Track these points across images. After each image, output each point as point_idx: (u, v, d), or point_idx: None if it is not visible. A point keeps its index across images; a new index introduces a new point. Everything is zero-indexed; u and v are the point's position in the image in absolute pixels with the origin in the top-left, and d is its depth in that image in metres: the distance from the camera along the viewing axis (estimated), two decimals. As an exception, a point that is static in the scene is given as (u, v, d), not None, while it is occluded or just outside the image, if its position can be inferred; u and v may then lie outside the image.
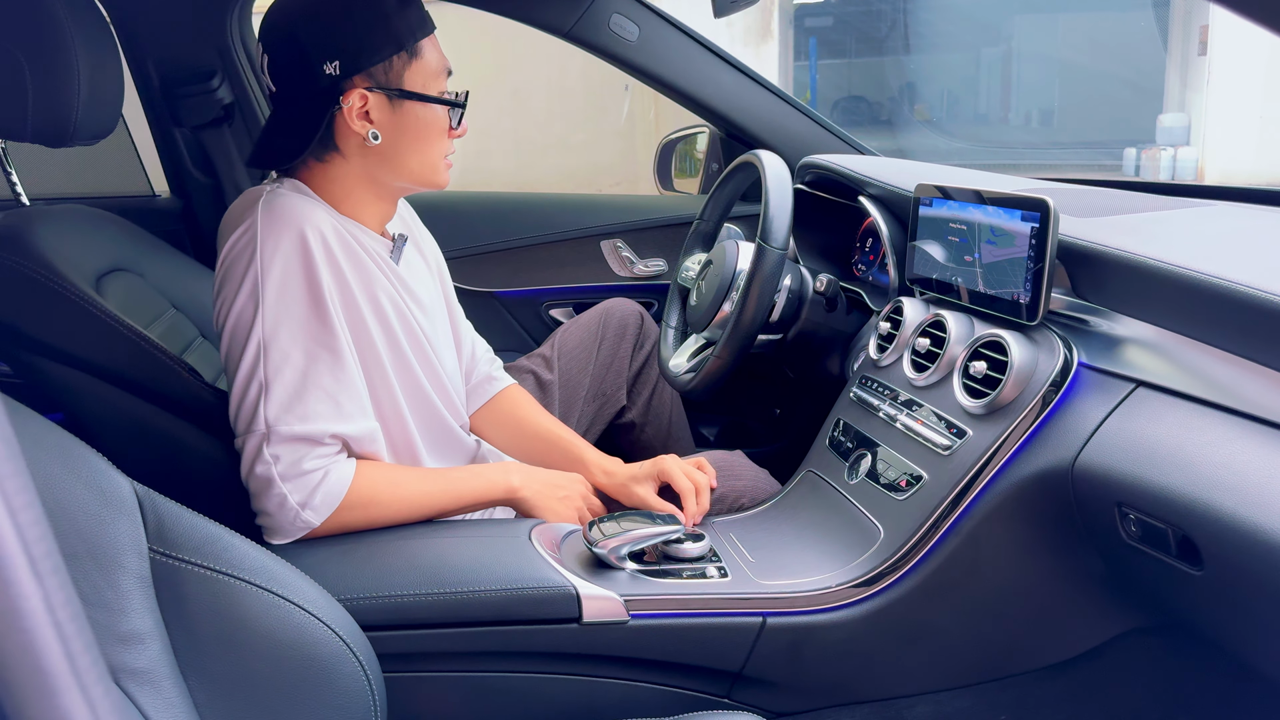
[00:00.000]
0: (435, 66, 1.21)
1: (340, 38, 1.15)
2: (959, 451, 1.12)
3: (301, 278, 1.13)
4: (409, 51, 1.17)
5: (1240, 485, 0.85)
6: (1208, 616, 0.98)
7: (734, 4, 1.10)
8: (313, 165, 1.22)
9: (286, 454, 1.11)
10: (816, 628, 1.11)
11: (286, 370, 1.11)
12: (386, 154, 1.21)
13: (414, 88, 1.19)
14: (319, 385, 1.13)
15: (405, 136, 1.20)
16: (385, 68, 1.17)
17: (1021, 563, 1.11)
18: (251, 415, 1.11)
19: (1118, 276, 1.09)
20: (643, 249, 2.15)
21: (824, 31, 12.48)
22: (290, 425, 1.11)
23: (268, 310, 1.11)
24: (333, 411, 1.13)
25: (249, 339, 1.12)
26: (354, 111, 1.17)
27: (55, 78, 1.22)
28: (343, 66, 1.15)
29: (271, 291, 1.12)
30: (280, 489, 1.10)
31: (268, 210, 1.14)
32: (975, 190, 1.23)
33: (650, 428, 1.76)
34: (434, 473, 1.25)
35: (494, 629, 1.07)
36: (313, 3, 1.16)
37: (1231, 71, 8.76)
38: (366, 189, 1.24)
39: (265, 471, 1.10)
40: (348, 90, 1.16)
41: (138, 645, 0.72)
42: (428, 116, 1.20)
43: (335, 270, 1.16)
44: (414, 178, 1.24)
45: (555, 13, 1.92)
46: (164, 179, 2.06)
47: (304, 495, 1.11)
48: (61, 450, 0.74)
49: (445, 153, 1.25)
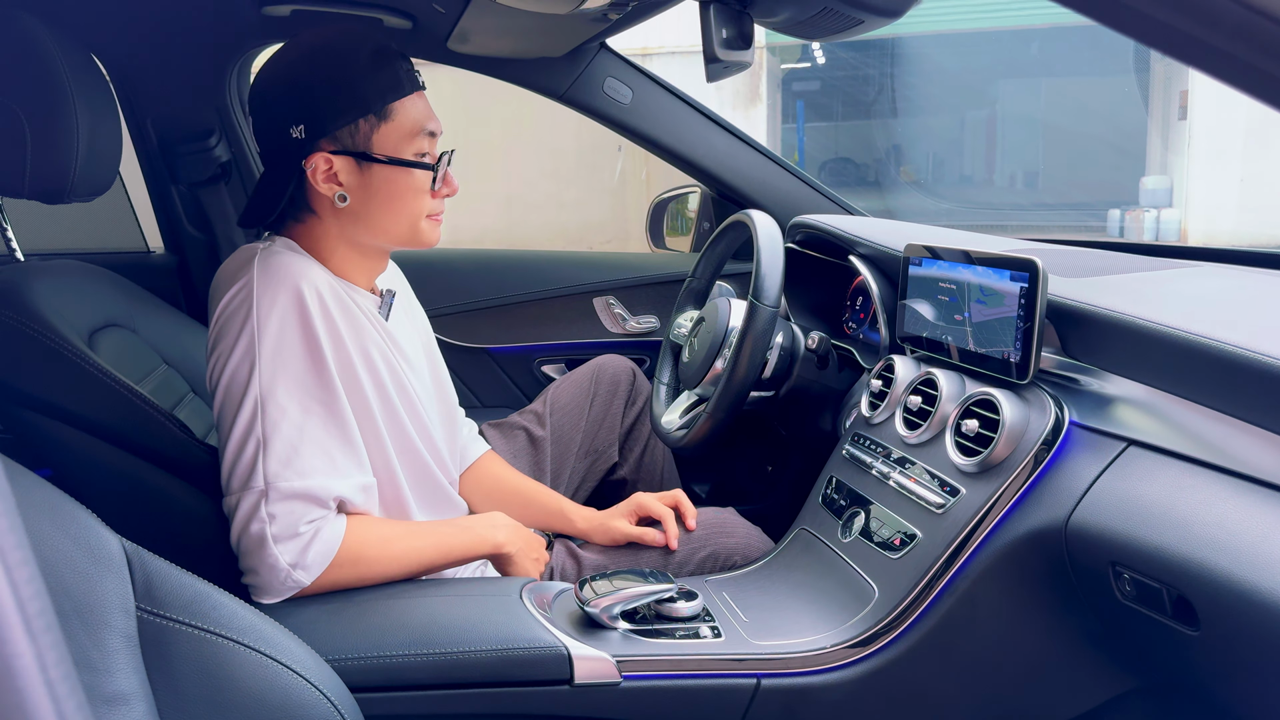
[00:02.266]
0: (409, 128, 1.19)
1: (306, 101, 1.16)
2: (952, 510, 1.12)
3: (298, 334, 1.13)
4: (377, 114, 1.17)
5: (1235, 545, 0.85)
6: (1205, 677, 0.97)
7: (726, 69, 1.13)
8: (295, 226, 1.24)
9: (283, 513, 1.09)
10: (812, 689, 1.09)
11: (284, 426, 1.11)
12: (359, 215, 1.21)
13: (383, 150, 1.18)
14: (316, 441, 1.12)
15: (376, 198, 1.19)
16: (351, 131, 1.16)
17: (1017, 622, 1.11)
18: (249, 472, 1.10)
19: (1108, 336, 1.10)
20: (635, 306, 2.17)
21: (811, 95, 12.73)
22: (290, 481, 1.10)
23: (264, 366, 1.11)
24: (329, 468, 1.13)
25: (245, 395, 1.11)
26: (318, 174, 1.17)
27: (54, 135, 1.23)
28: (308, 130, 1.16)
29: (268, 348, 1.11)
30: (273, 550, 1.09)
31: (263, 267, 1.15)
32: (964, 250, 1.25)
33: (643, 484, 1.75)
34: (423, 528, 1.24)
35: (484, 691, 1.06)
36: (285, 67, 1.18)
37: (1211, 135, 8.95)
38: (348, 248, 1.24)
39: (260, 530, 1.09)
40: (311, 154, 1.17)
41: (122, 706, 0.70)
42: (398, 178, 1.19)
43: (330, 326, 1.16)
44: (390, 238, 1.24)
45: (551, 76, 1.96)
46: (159, 235, 2.07)
47: (295, 555, 1.10)
48: (50, 506, 0.74)
49: (425, 212, 1.23)
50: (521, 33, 1.74)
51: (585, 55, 1.95)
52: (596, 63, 1.97)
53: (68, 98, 1.23)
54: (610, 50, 1.98)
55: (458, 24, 1.67)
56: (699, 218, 2.29)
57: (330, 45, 1.17)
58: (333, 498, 1.12)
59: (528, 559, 1.30)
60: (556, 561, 1.41)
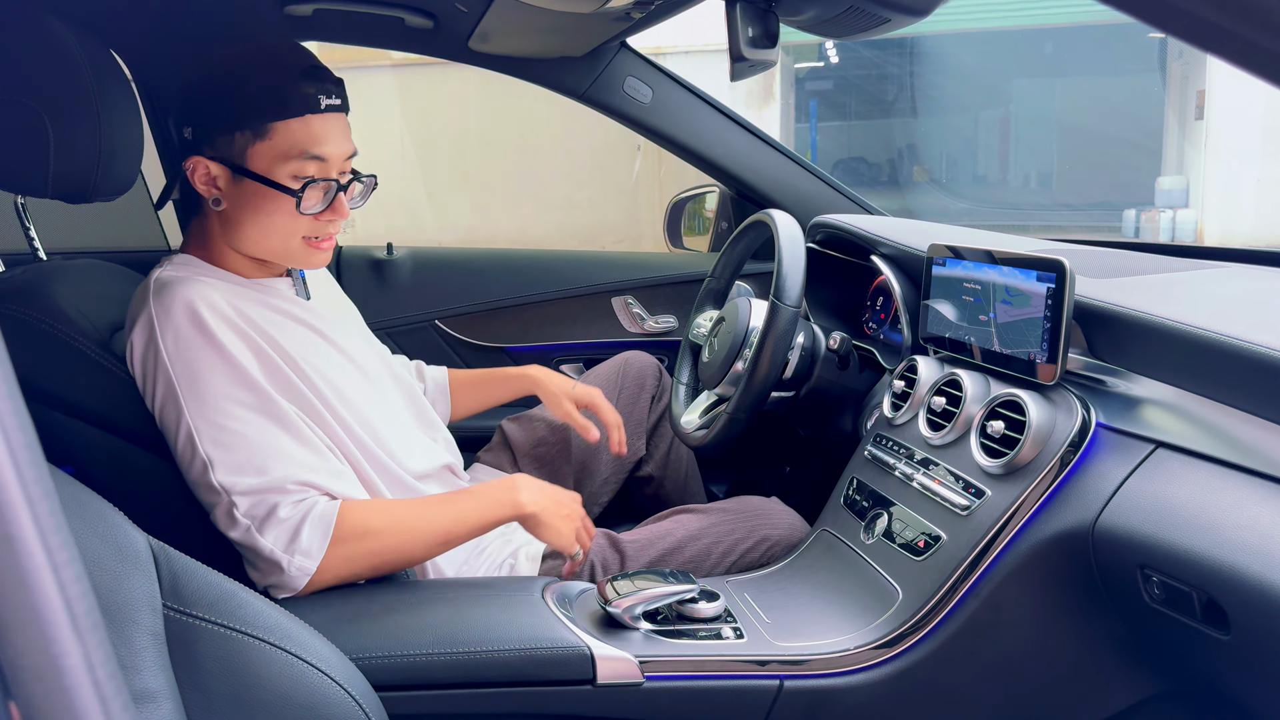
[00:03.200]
0: (286, 149, 1.19)
1: (197, 106, 1.20)
2: (978, 512, 1.11)
3: (209, 353, 1.15)
4: (253, 130, 1.18)
5: (1267, 549, 0.84)
6: (1235, 682, 0.96)
7: (751, 68, 1.12)
8: (194, 224, 1.29)
9: (253, 507, 1.11)
10: (835, 691, 1.09)
11: (225, 439, 1.13)
12: (233, 222, 1.24)
13: (255, 166, 1.19)
14: (261, 443, 1.14)
15: (247, 209, 1.22)
16: (228, 141, 1.19)
17: (1043, 625, 1.10)
18: (211, 489, 1.13)
19: (1136, 337, 1.09)
20: (653, 305, 2.16)
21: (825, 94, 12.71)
22: (248, 480, 1.12)
23: (187, 396, 1.14)
24: (285, 459, 1.14)
25: (179, 428, 1.14)
26: (196, 176, 1.21)
27: (77, 135, 1.23)
28: (195, 133, 1.21)
29: (184, 378, 1.14)
30: (262, 541, 1.11)
31: (158, 300, 1.18)
32: (987, 250, 1.24)
33: (669, 481, 1.75)
34: (433, 498, 1.24)
35: (507, 690, 1.05)
36: (196, 69, 1.22)
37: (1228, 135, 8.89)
38: (234, 252, 1.28)
39: (242, 534, 1.11)
40: (191, 155, 1.21)
41: (150, 705, 0.70)
42: (269, 195, 1.20)
43: (239, 334, 1.18)
44: (262, 251, 1.26)
45: (571, 76, 1.95)
46: (179, 234, 2.08)
47: (288, 540, 1.11)
48: (78, 504, 0.74)
49: (300, 233, 1.24)
50: (543, 32, 1.74)
51: (606, 54, 1.95)
52: (617, 62, 1.96)
53: (90, 98, 1.24)
54: (630, 49, 1.98)
55: (479, 23, 1.67)
56: (717, 217, 2.28)
57: (231, 56, 1.20)
58: (298, 483, 1.13)
59: (558, 518, 1.25)
60: (597, 554, 1.39)
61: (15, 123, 1.19)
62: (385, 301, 2.09)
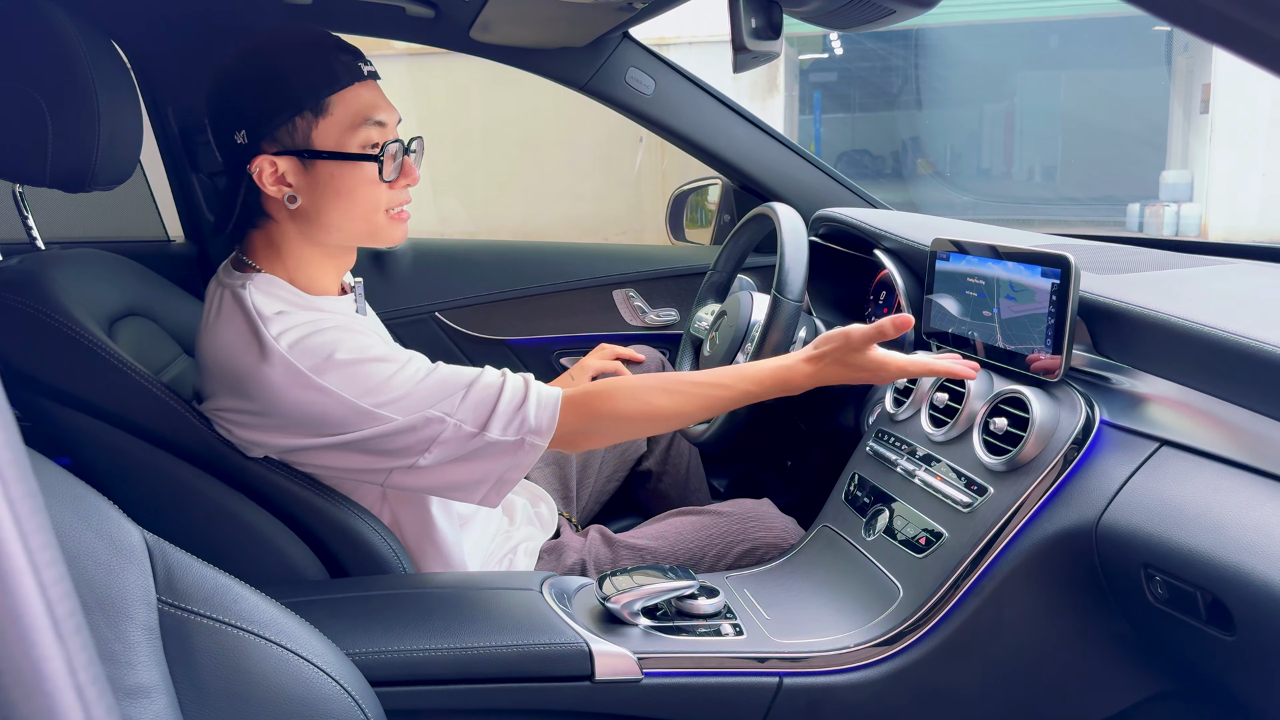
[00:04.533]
0: (350, 120, 1.15)
1: (242, 106, 1.15)
2: (980, 509, 1.11)
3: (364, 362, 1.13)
4: (312, 110, 1.14)
5: (1273, 549, 0.83)
6: (1239, 682, 0.95)
7: (754, 59, 1.11)
8: (256, 234, 1.23)
9: (481, 410, 1.14)
10: (835, 689, 1.08)
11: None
12: (311, 215, 1.18)
13: (325, 145, 1.15)
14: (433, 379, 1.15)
15: (325, 195, 1.17)
16: (289, 130, 1.14)
17: (1045, 624, 1.09)
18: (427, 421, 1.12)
19: (1142, 334, 1.08)
20: (655, 299, 2.15)
21: (829, 86, 12.67)
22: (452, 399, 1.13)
23: (347, 391, 1.12)
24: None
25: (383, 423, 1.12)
26: (264, 177, 1.16)
27: (76, 123, 1.22)
28: (248, 134, 1.15)
29: (351, 391, 1.12)
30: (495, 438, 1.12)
31: (273, 332, 1.14)
32: (991, 245, 1.23)
33: (668, 477, 1.74)
34: (704, 381, 1.22)
35: (504, 686, 1.05)
36: (223, 74, 1.17)
37: (1233, 129, 8.85)
38: (311, 248, 1.22)
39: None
40: (254, 158, 1.15)
41: (144, 699, 0.70)
42: (345, 172, 1.16)
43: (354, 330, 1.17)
44: (348, 235, 1.21)
45: (573, 67, 1.94)
46: (179, 224, 2.07)
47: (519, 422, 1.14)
48: (72, 497, 0.73)
49: (382, 205, 1.20)
50: (544, 22, 1.72)
51: (608, 45, 1.93)
52: (619, 53, 1.95)
53: (89, 86, 1.23)
54: (633, 40, 1.96)
55: (481, 13, 1.66)
56: (720, 210, 2.27)
57: (259, 47, 1.16)
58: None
59: (849, 367, 1.22)
60: (590, 551, 1.39)
61: (14, 111, 1.18)
62: (386, 293, 2.08)
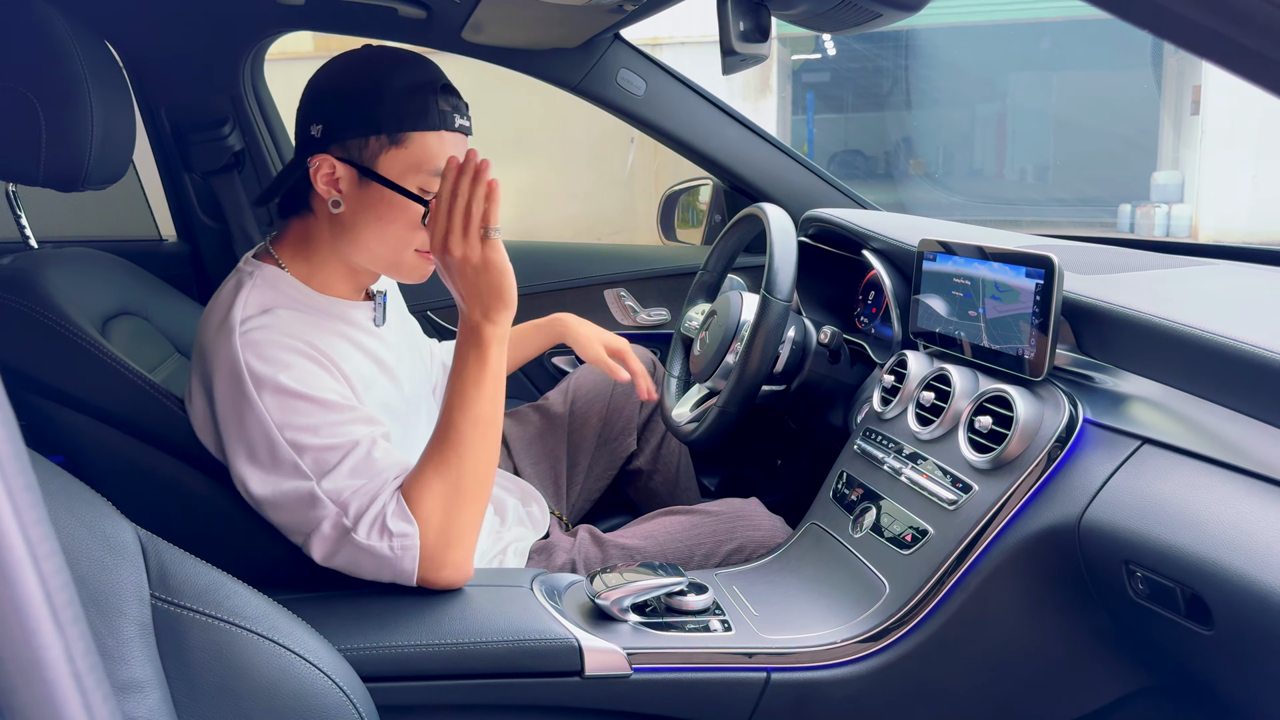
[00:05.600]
0: (420, 161, 1.17)
1: (331, 104, 1.17)
2: (964, 506, 1.12)
3: (306, 398, 1.12)
4: (390, 138, 1.16)
5: (1250, 545, 0.84)
6: (1218, 677, 0.97)
7: (742, 62, 1.12)
8: (295, 224, 1.24)
9: (355, 511, 1.09)
10: (821, 684, 1.09)
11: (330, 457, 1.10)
12: (347, 226, 1.20)
13: (386, 172, 1.16)
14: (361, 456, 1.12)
15: (367, 214, 1.18)
16: (361, 144, 1.16)
17: (1029, 620, 1.10)
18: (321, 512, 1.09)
19: (1124, 334, 1.10)
20: (646, 298, 2.16)
21: (822, 87, 12.70)
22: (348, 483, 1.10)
23: (275, 421, 1.10)
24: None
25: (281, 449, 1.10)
26: (319, 174, 1.17)
27: (69, 123, 1.23)
28: (324, 131, 1.17)
29: (275, 410, 1.11)
30: (362, 542, 1.08)
31: (243, 331, 1.13)
32: (978, 246, 1.24)
33: (659, 475, 1.75)
34: (443, 426, 1.17)
35: (495, 681, 1.06)
36: (333, 68, 1.19)
37: (1224, 131, 8.89)
38: (336, 259, 1.24)
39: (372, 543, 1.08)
40: (318, 153, 1.17)
41: (137, 694, 0.71)
42: (393, 203, 1.17)
43: (324, 367, 1.15)
44: (373, 260, 1.22)
45: (564, 68, 1.95)
46: (172, 223, 2.08)
47: (379, 527, 1.09)
48: (66, 494, 0.74)
49: (414, 244, 1.21)
50: (536, 23, 1.73)
51: (599, 46, 1.94)
52: (610, 54, 1.96)
53: (82, 85, 1.23)
54: (624, 41, 1.97)
55: (472, 14, 1.67)
56: (710, 210, 2.28)
57: (378, 61, 1.17)
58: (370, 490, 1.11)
59: (486, 276, 1.13)
60: (580, 551, 1.40)
61: (7, 110, 1.18)
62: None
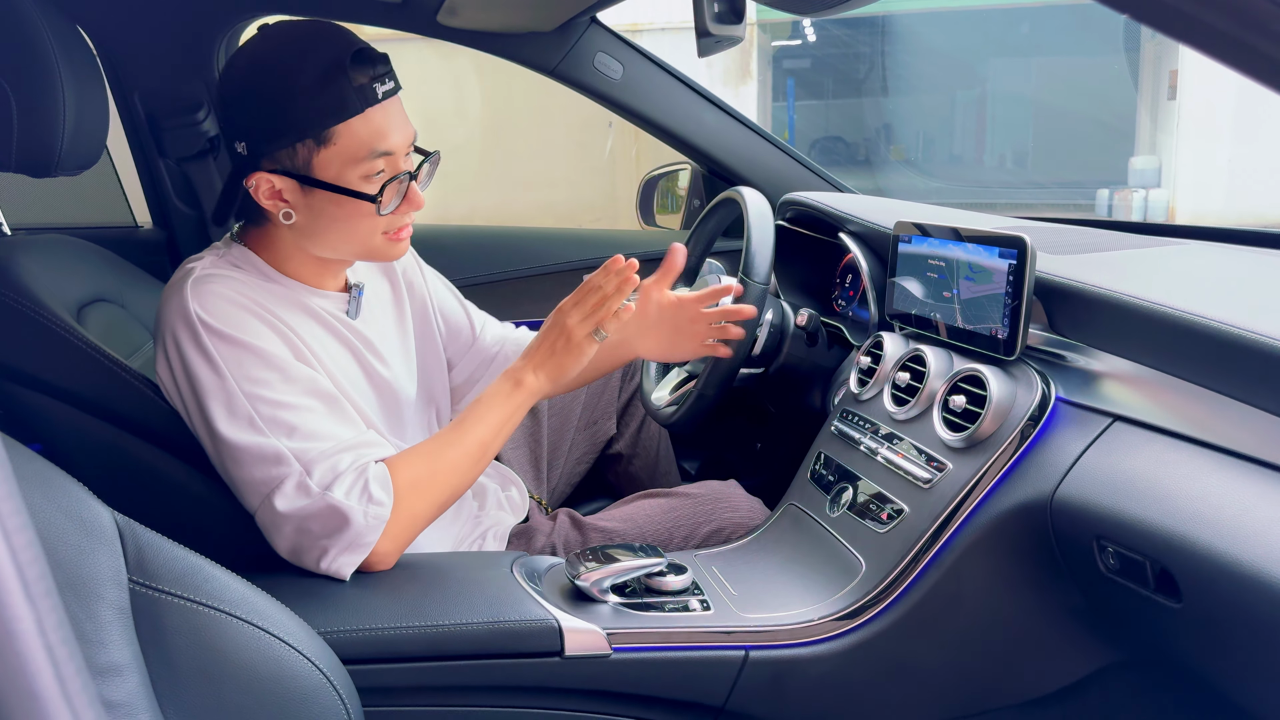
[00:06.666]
0: (354, 151, 1.10)
1: (246, 120, 1.11)
2: (939, 485, 1.13)
3: (256, 352, 1.11)
4: (316, 139, 1.09)
5: (1217, 518, 0.86)
6: (1187, 649, 0.99)
7: (717, 44, 1.12)
8: (255, 230, 1.21)
9: (320, 472, 1.08)
10: (799, 661, 1.11)
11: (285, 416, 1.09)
12: (307, 231, 1.16)
13: (325, 175, 1.11)
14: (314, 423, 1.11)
15: (321, 220, 1.14)
16: (290, 154, 1.10)
17: (1002, 596, 1.12)
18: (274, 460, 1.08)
19: (1095, 313, 1.11)
20: (625, 283, 2.16)
21: (802, 73, 12.70)
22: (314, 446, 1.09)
23: (237, 394, 1.09)
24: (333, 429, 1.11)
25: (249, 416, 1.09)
26: (260, 192, 1.12)
27: (41, 108, 1.22)
28: (249, 149, 1.11)
29: (233, 375, 1.10)
30: (337, 500, 1.07)
31: (195, 295, 1.11)
32: (953, 228, 1.25)
33: (639, 460, 1.76)
34: (454, 427, 1.20)
35: (475, 663, 1.06)
36: (236, 75, 1.12)
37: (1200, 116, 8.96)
38: (305, 255, 1.21)
39: (315, 501, 1.07)
40: (252, 172, 1.12)
41: (115, 677, 0.71)
42: (343, 202, 1.12)
43: (276, 330, 1.14)
44: (343, 254, 1.20)
45: (541, 51, 1.94)
46: (147, 210, 2.06)
47: (360, 488, 1.08)
48: (42, 479, 0.74)
49: (379, 230, 1.16)
50: (511, 6, 1.73)
51: (576, 30, 1.94)
52: (587, 37, 1.96)
53: (54, 70, 1.22)
54: (601, 25, 1.97)
55: (447, -3, 1.66)
56: (689, 195, 2.28)
57: (275, 60, 1.09)
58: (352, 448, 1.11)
59: (566, 354, 1.20)
60: (560, 534, 1.41)
61: None
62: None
